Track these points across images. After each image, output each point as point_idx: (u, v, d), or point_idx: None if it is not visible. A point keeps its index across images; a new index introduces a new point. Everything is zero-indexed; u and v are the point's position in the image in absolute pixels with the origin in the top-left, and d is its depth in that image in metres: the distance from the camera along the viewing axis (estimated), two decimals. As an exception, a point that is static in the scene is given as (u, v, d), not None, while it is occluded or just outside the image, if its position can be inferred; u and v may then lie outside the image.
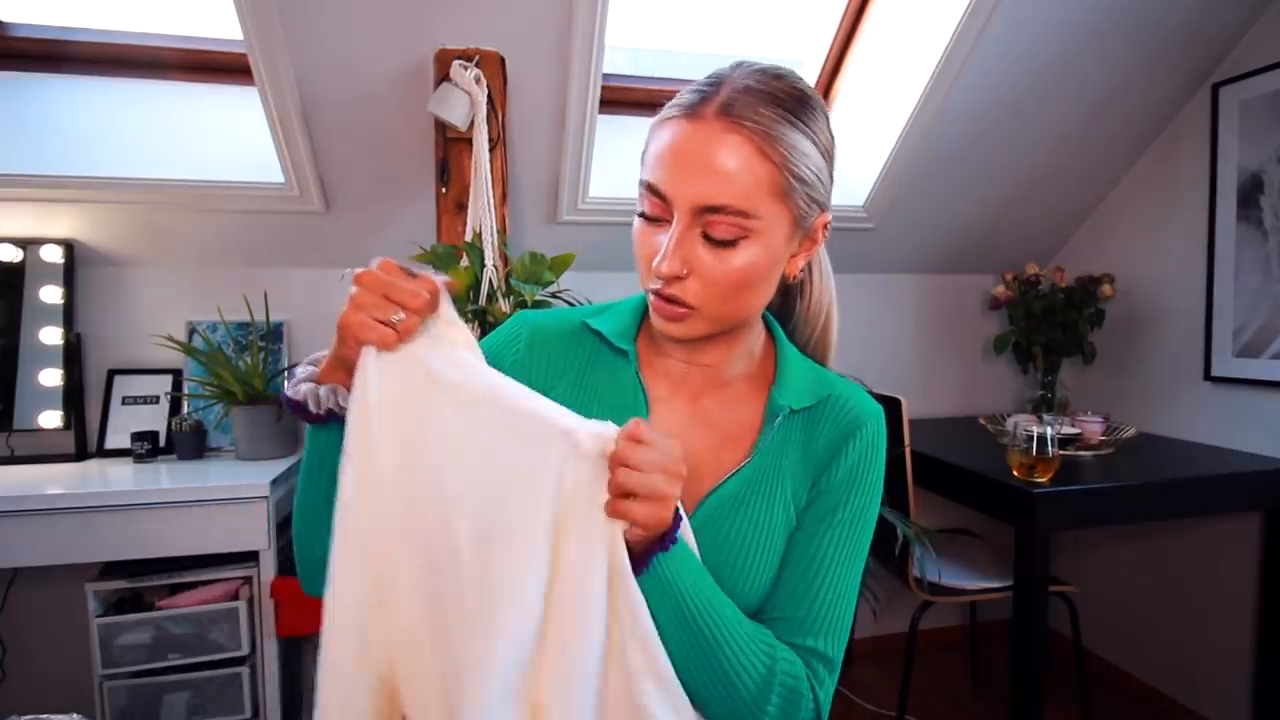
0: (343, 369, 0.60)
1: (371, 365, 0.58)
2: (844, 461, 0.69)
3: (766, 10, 2.19)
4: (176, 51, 1.80)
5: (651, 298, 0.63)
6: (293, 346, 1.98)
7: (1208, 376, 1.98)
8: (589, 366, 0.72)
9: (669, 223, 0.60)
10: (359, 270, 0.59)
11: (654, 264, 0.60)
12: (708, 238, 0.59)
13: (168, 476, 1.64)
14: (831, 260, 0.79)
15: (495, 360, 0.72)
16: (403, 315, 0.56)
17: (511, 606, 0.55)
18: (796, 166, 0.59)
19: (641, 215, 0.63)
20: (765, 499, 0.68)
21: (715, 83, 0.60)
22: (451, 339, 0.60)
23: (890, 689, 2.17)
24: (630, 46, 2.06)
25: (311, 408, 0.61)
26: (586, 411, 0.61)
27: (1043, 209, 2.31)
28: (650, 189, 0.60)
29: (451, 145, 1.58)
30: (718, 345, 0.70)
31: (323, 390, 0.61)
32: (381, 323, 0.56)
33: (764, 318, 0.74)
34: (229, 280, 1.92)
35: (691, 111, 0.59)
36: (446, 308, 0.60)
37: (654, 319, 0.65)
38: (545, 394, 0.62)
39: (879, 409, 0.73)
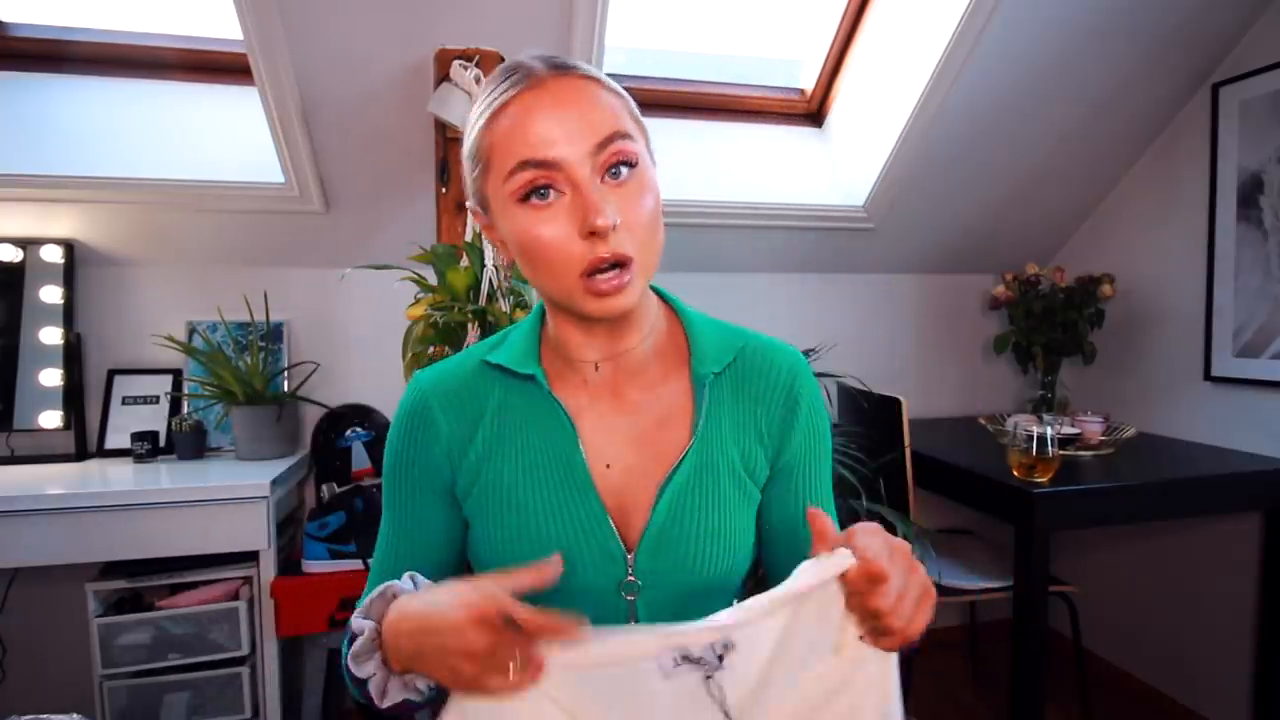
0: (419, 669, 0.55)
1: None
2: (797, 431, 0.72)
3: (766, 10, 2.19)
4: (176, 51, 1.80)
5: (585, 283, 0.59)
6: (293, 346, 1.98)
7: (1208, 376, 1.98)
8: (502, 402, 0.70)
9: (561, 193, 0.58)
10: (470, 609, 0.51)
11: (589, 223, 0.56)
12: (609, 175, 0.59)
13: (168, 476, 1.64)
14: (831, 260, 0.79)
15: (411, 442, 0.70)
16: (521, 672, 0.51)
17: None
18: (627, 97, 0.63)
19: (530, 204, 0.58)
20: (715, 471, 0.69)
21: (519, 64, 0.61)
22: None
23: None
24: (630, 46, 2.06)
25: (376, 698, 0.57)
26: (513, 445, 0.63)
27: (1043, 209, 2.31)
28: (534, 164, 0.57)
29: (451, 145, 1.58)
30: (627, 325, 0.68)
31: (392, 682, 0.57)
32: (503, 677, 0.51)
33: (651, 287, 0.73)
34: (229, 280, 1.92)
35: (525, 80, 0.59)
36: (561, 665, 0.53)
37: (592, 306, 0.60)
38: (467, 444, 0.64)
39: (798, 355, 0.76)
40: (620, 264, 0.59)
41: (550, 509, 0.67)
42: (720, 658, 0.53)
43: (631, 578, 0.67)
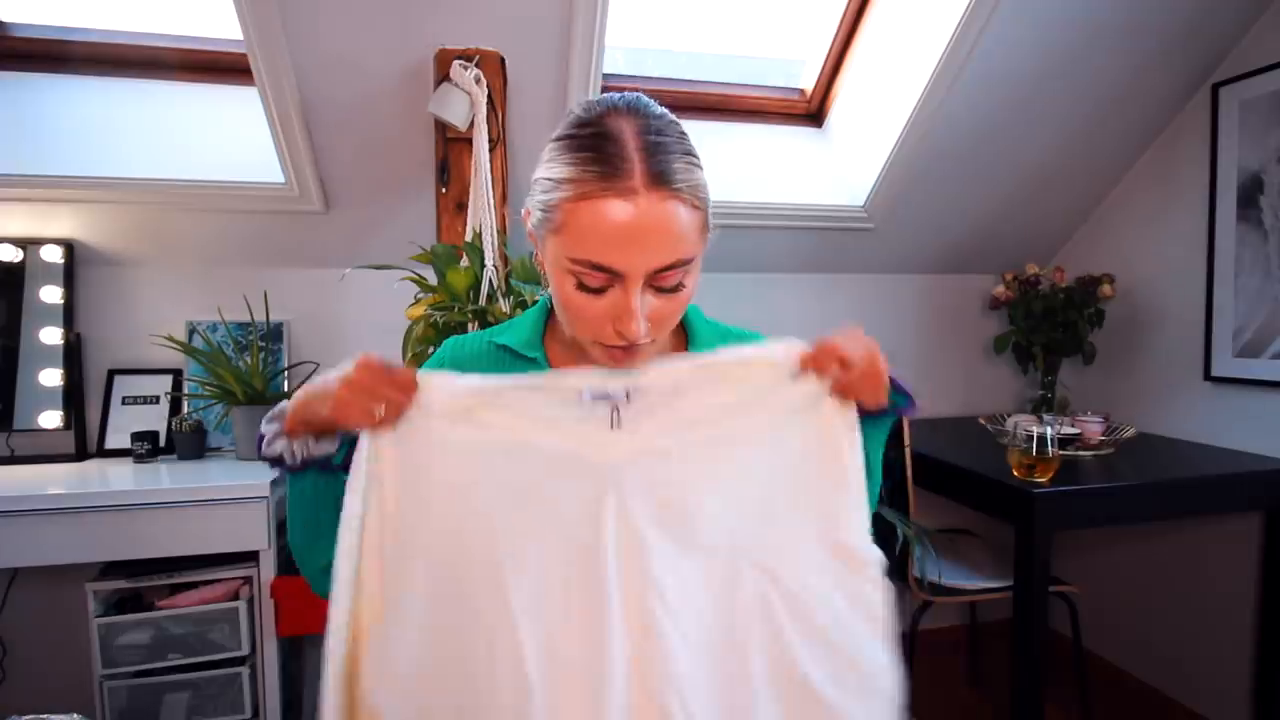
0: (312, 429, 0.67)
1: (373, 444, 0.64)
2: None
3: (766, 10, 2.19)
4: (176, 51, 1.80)
5: (603, 348, 0.66)
6: (293, 346, 1.98)
7: (1208, 376, 1.98)
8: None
9: (610, 287, 0.62)
10: (357, 360, 0.64)
11: (622, 329, 0.62)
12: (656, 288, 0.63)
13: (168, 476, 1.64)
14: (832, 260, 0.81)
15: None
16: (384, 410, 0.63)
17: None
18: (707, 198, 0.65)
19: (582, 288, 0.63)
20: None
21: (617, 145, 0.60)
22: (439, 419, 0.65)
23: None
24: (630, 46, 2.06)
25: (288, 461, 0.68)
26: None
27: (1043, 209, 2.30)
28: (598, 267, 0.60)
29: (451, 145, 1.58)
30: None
31: (295, 445, 0.68)
32: (368, 414, 0.63)
33: None
34: (229, 280, 1.92)
35: (618, 186, 0.59)
36: (432, 395, 0.65)
37: (605, 362, 0.67)
38: None
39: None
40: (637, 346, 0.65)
41: None
42: (628, 394, 0.64)
43: None
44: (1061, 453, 1.65)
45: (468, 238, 1.50)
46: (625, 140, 0.60)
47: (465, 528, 0.63)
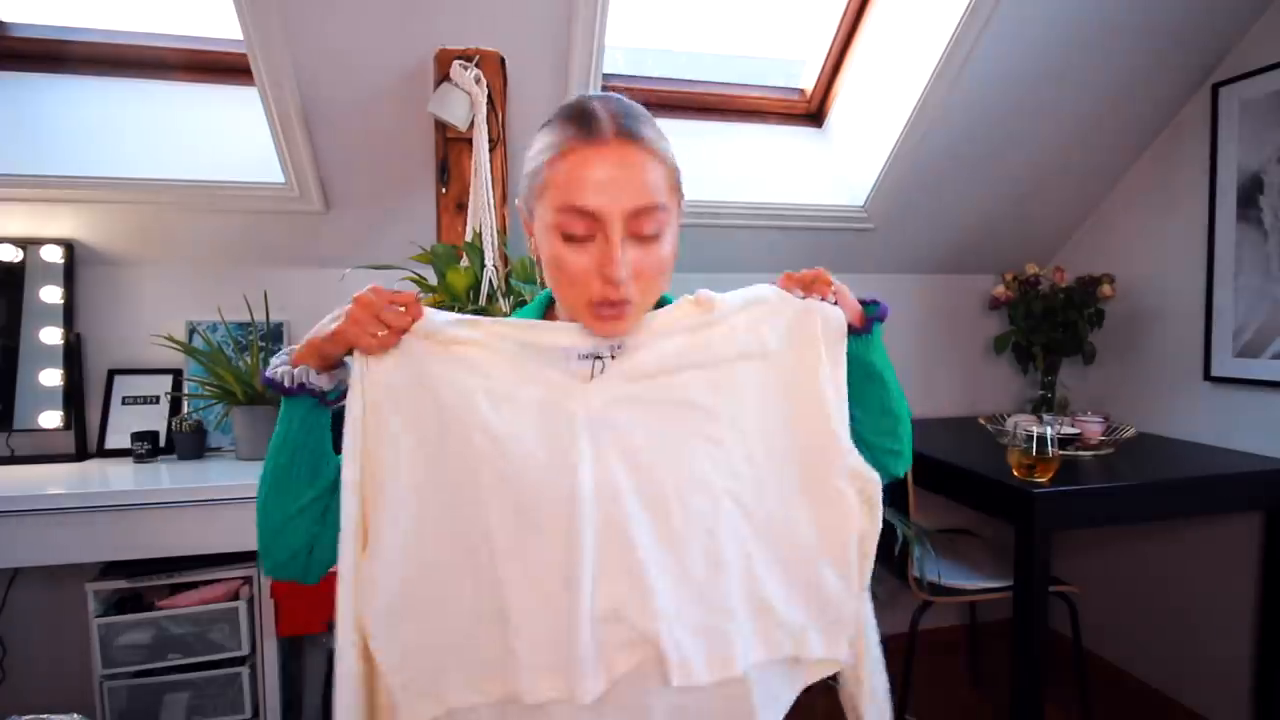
0: (317, 358, 0.70)
1: (368, 369, 0.68)
2: None
3: (766, 10, 2.19)
4: (176, 51, 1.80)
5: (592, 309, 0.69)
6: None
7: (1208, 376, 1.98)
8: None
9: (592, 238, 0.67)
10: (359, 291, 0.69)
11: (607, 274, 0.67)
12: (635, 237, 0.68)
13: (168, 476, 1.64)
14: (832, 260, 0.81)
15: None
16: (386, 332, 0.68)
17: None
18: (675, 165, 0.72)
19: (568, 238, 0.68)
20: None
21: (590, 114, 0.69)
22: (436, 344, 0.69)
23: (890, 689, 2.16)
24: (630, 46, 2.06)
25: (286, 384, 0.70)
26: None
27: (1043, 209, 2.30)
28: (580, 212, 0.67)
29: (451, 145, 1.58)
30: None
31: (296, 370, 0.70)
32: (372, 335, 0.68)
33: None
34: (229, 280, 1.91)
35: (592, 137, 0.67)
36: (429, 322, 0.69)
37: (595, 326, 0.70)
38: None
39: None
40: (622, 303, 0.69)
41: None
42: (611, 351, 0.70)
43: None
44: (1061, 453, 1.65)
45: (468, 238, 1.50)
46: (597, 110, 0.69)
47: (449, 465, 0.66)
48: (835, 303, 0.76)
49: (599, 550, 0.65)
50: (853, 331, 0.77)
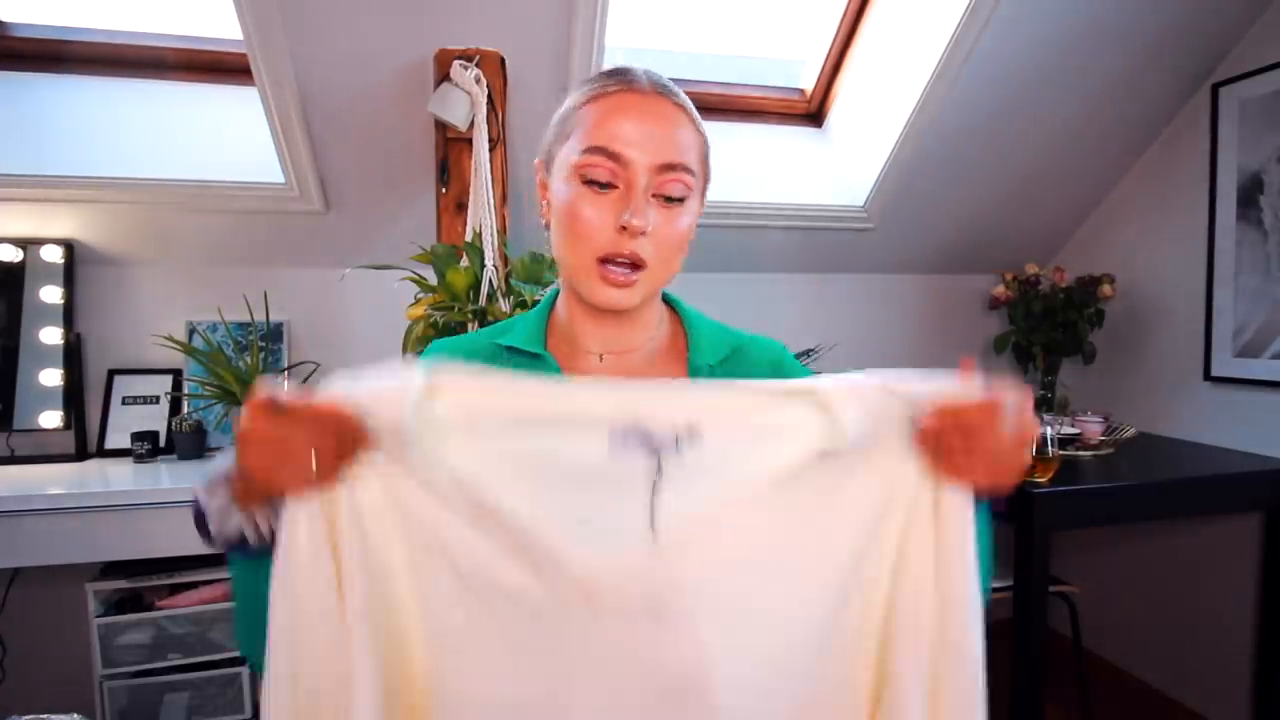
0: (261, 497, 0.54)
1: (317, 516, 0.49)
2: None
3: (766, 10, 2.19)
4: (176, 51, 1.80)
5: (601, 268, 0.64)
6: (292, 346, 1.98)
7: (1208, 376, 1.98)
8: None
9: (616, 189, 0.63)
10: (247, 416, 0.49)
11: (625, 219, 0.62)
12: (659, 197, 0.64)
13: (168, 476, 1.64)
14: (832, 260, 0.81)
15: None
16: (313, 463, 0.48)
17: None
18: (706, 136, 0.69)
19: (589, 183, 0.63)
20: None
21: (627, 71, 0.66)
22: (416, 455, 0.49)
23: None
24: (630, 46, 2.05)
25: (251, 541, 0.55)
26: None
27: (1043, 209, 2.30)
28: (606, 153, 0.62)
29: (451, 145, 1.58)
30: (635, 323, 0.72)
31: (259, 517, 0.54)
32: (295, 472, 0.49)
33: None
34: (229, 280, 1.91)
35: (629, 86, 0.65)
36: (392, 430, 0.49)
37: (600, 293, 0.65)
38: None
39: (782, 347, 0.80)
40: (636, 265, 0.64)
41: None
42: (678, 442, 0.49)
43: None
44: (1061, 453, 1.65)
45: (468, 238, 1.50)
46: (635, 69, 0.67)
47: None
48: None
49: None
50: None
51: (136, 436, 1.77)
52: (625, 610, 0.49)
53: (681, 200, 0.65)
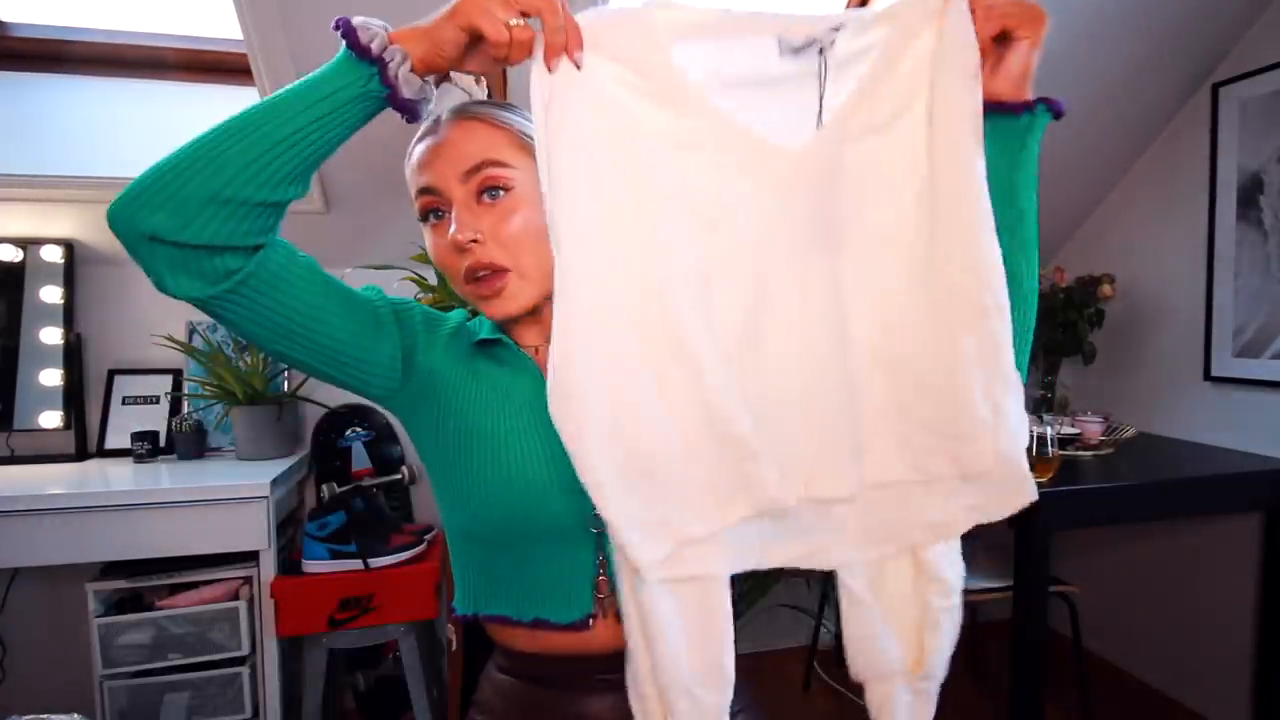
0: (424, 43, 0.59)
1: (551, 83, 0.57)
2: None
3: (766, 10, 2.19)
4: (176, 51, 1.80)
5: (472, 287, 0.68)
6: (293, 346, 1.98)
7: (1208, 376, 1.98)
8: (473, 355, 0.75)
9: (445, 214, 0.68)
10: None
11: (451, 237, 0.65)
12: (482, 197, 0.67)
13: (168, 476, 1.64)
14: None
15: (401, 306, 0.75)
16: (523, 22, 0.54)
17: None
18: (516, 126, 0.69)
19: (426, 221, 0.70)
20: None
21: (439, 117, 0.70)
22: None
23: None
24: (630, 46, 2.05)
25: (363, 40, 0.59)
26: (483, 386, 0.71)
27: (1042, 209, 2.28)
28: (422, 190, 0.68)
29: (451, 145, 1.58)
30: (547, 326, 0.72)
31: (391, 48, 0.59)
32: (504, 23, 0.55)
33: None
34: (229, 280, 1.91)
35: (430, 129, 0.70)
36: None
37: (486, 308, 0.69)
38: (444, 363, 0.73)
39: None
40: (494, 271, 0.67)
41: (520, 440, 0.69)
42: (836, 30, 0.60)
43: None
44: (1061, 453, 1.65)
45: (468, 238, 1.50)
46: (444, 113, 0.71)
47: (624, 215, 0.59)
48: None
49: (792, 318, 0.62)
50: (1003, 106, 0.67)
51: (136, 436, 1.77)
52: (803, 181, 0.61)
53: (506, 190, 0.67)
